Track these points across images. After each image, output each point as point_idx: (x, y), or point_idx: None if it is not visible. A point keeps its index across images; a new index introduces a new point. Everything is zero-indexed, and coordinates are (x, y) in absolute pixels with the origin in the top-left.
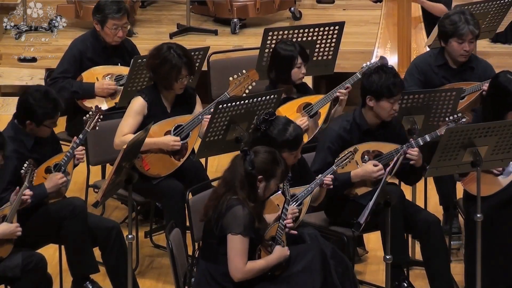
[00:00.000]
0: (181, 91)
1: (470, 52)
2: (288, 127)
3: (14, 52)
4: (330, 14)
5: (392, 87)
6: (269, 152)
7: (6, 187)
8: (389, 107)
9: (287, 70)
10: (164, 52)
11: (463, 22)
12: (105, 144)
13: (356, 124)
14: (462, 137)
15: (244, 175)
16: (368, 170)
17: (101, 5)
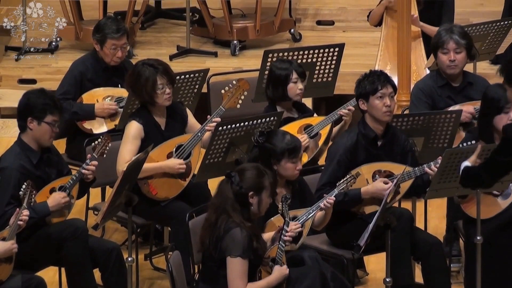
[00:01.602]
0: (168, 102)
1: (458, 63)
2: (286, 135)
3: (14, 74)
4: (330, 35)
5: (376, 82)
6: (252, 167)
7: (10, 200)
8: (380, 104)
9: (283, 87)
10: (138, 68)
11: (446, 33)
12: (105, 166)
13: (362, 135)
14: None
15: (234, 198)
16: (379, 187)
17: (100, 25)
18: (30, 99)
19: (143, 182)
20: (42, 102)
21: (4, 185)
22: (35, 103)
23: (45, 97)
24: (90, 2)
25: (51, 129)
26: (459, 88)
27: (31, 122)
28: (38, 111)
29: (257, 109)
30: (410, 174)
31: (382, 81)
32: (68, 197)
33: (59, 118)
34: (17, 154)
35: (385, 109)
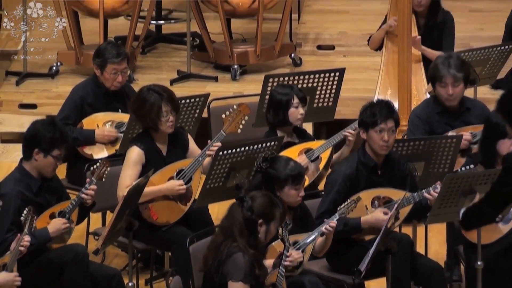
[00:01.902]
0: (171, 129)
1: (456, 96)
2: (289, 162)
3: (15, 99)
4: (331, 60)
5: (377, 115)
6: (265, 195)
7: (10, 227)
8: (378, 138)
9: (284, 111)
10: (143, 94)
11: (444, 65)
12: (105, 191)
13: (361, 163)
14: (463, 184)
15: (243, 222)
16: (379, 218)
17: (101, 50)
18: (39, 131)
19: (144, 206)
20: (51, 136)
21: (4, 211)
22: (44, 135)
23: (54, 131)
24: (90, 27)
25: (56, 162)
26: (457, 114)
27: (37, 153)
28: (46, 144)
29: (257, 134)
30: (409, 200)
31: (384, 115)
32: (68, 223)
33: (64, 152)
34: (17, 181)
35: (382, 143)
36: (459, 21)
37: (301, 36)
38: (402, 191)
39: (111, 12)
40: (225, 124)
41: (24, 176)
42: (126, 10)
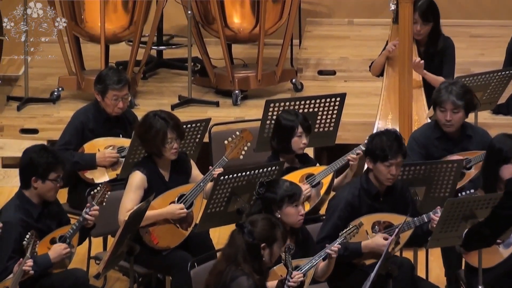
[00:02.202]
0: (174, 156)
1: (454, 122)
2: (285, 182)
3: (16, 124)
4: (332, 85)
5: (387, 150)
6: (265, 218)
7: (11, 255)
8: (385, 171)
9: (288, 139)
10: (149, 119)
11: (447, 91)
12: (107, 215)
13: (364, 190)
14: (464, 209)
15: (246, 248)
16: (379, 243)
17: (102, 76)
18: (32, 159)
19: (145, 231)
20: (45, 161)
21: (5, 239)
22: (38, 162)
23: (47, 155)
24: (91, 52)
25: (56, 185)
26: (456, 140)
27: (35, 181)
28: (42, 170)
29: (259, 159)
30: (409, 225)
31: (395, 150)
32: (68, 248)
33: (62, 172)
34: (17, 207)
35: (390, 176)
36: (460, 46)
37: (302, 62)
38: (403, 216)
39: (112, 37)
40: (227, 150)
41: (24, 202)
42: (127, 36)
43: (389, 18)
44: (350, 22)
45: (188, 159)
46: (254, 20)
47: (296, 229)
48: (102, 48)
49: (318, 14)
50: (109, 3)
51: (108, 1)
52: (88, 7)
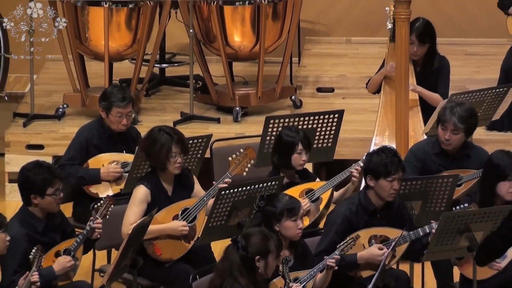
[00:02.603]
0: (178, 171)
1: (452, 142)
2: (284, 196)
3: (22, 140)
4: (330, 102)
5: (389, 166)
6: (258, 231)
7: (17, 269)
8: (388, 186)
9: (288, 155)
10: (154, 134)
11: (451, 111)
12: (111, 229)
13: (361, 206)
14: (459, 223)
15: (241, 262)
16: (374, 253)
17: (107, 93)
18: (28, 177)
19: (148, 243)
20: (41, 177)
21: (11, 255)
22: (34, 179)
23: (42, 171)
24: (96, 70)
25: (55, 198)
26: (454, 158)
27: (34, 198)
28: (39, 187)
29: (259, 174)
30: (405, 238)
31: (396, 166)
32: (73, 260)
33: (60, 185)
34: (22, 222)
35: (392, 191)
36: (455, 64)
37: (301, 79)
38: (399, 230)
39: (116, 55)
40: (231, 166)
41: (29, 217)
42: (131, 54)
43: (386, 37)
44: (348, 41)
45: (191, 174)
46: (254, 38)
47: (295, 242)
48: (106, 66)
49: (316, 32)
50: (112, 22)
51: (111, 20)
52: (92, 26)
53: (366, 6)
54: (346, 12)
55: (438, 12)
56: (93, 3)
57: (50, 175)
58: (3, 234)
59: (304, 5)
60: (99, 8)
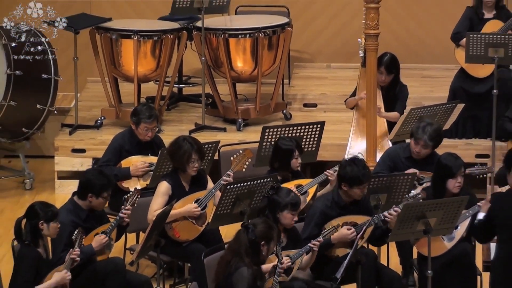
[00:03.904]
0: (195, 173)
1: (422, 154)
2: (291, 193)
3: (68, 145)
4: (314, 115)
5: (361, 177)
6: (264, 221)
7: (64, 248)
8: (359, 191)
9: (288, 161)
10: (179, 141)
11: (423, 130)
12: (139, 216)
13: (334, 202)
14: (416, 211)
15: (249, 244)
16: (344, 233)
17: (137, 110)
18: (91, 180)
19: (169, 227)
20: (101, 183)
21: (60, 236)
22: (96, 183)
23: (103, 178)
24: (127, 89)
25: (105, 201)
26: (420, 162)
27: (91, 197)
28: (97, 190)
29: (258, 172)
30: (370, 222)
31: (367, 177)
32: (107, 237)
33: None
34: (69, 211)
35: (362, 194)
36: (414, 85)
37: (291, 97)
38: (365, 217)
39: (143, 78)
40: (233, 164)
41: (75, 207)
42: (155, 76)
43: (359, 63)
44: (328, 66)
45: (205, 174)
46: (253, 64)
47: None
48: (135, 86)
49: (303, 59)
50: (140, 51)
51: (139, 50)
52: (124, 55)
53: (342, 39)
54: (326, 43)
55: (400, 44)
56: (125, 36)
57: (108, 183)
58: (55, 224)
59: (293, 38)
60: (130, 40)
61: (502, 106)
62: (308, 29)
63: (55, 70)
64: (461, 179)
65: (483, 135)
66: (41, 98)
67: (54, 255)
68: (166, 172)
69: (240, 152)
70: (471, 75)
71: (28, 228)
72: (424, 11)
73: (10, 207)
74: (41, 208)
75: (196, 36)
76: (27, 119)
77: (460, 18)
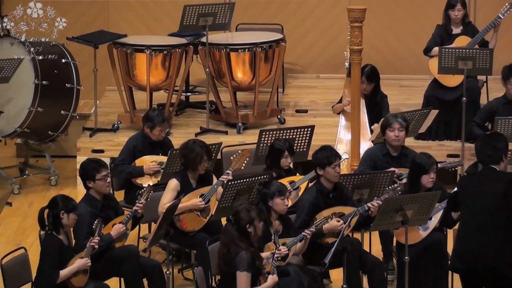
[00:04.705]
0: (203, 171)
1: (401, 138)
2: (276, 182)
3: (89, 146)
4: (305, 120)
5: (330, 157)
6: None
7: (86, 236)
8: (333, 171)
9: (278, 159)
10: (191, 145)
11: (393, 116)
12: (150, 209)
13: (319, 191)
14: (395, 204)
15: (237, 233)
16: (334, 224)
17: (150, 116)
18: (83, 168)
19: (177, 219)
20: (90, 167)
21: (81, 225)
22: (86, 169)
23: (92, 162)
24: (140, 97)
25: (104, 182)
26: (396, 157)
27: (89, 183)
28: (90, 174)
29: (255, 170)
30: (356, 213)
31: (335, 156)
32: (124, 228)
33: (107, 172)
34: (87, 203)
35: (336, 174)
36: (393, 93)
37: (285, 103)
38: (352, 208)
39: (154, 87)
40: (232, 163)
41: (91, 199)
42: (165, 86)
43: (344, 74)
44: (317, 76)
45: (211, 174)
46: (251, 75)
47: (284, 217)
48: (147, 94)
49: (295, 71)
50: (152, 64)
51: (151, 62)
52: (138, 67)
53: (330, 53)
54: (316, 57)
55: (381, 57)
56: (139, 50)
57: (97, 164)
58: (74, 215)
59: (287, 52)
60: (143, 54)
61: (470, 112)
62: (300, 44)
63: (77, 80)
64: (433, 175)
65: (454, 137)
66: (64, 105)
67: (76, 243)
68: (176, 171)
69: (239, 152)
70: (443, 84)
71: (50, 217)
72: (401, 29)
73: (38, 201)
74: (62, 200)
75: (201, 50)
76: (53, 123)
77: (432, 35)
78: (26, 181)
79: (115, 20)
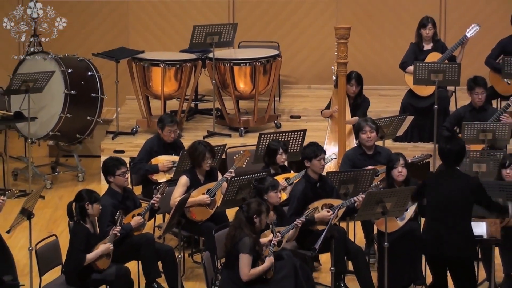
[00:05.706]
0: (208, 168)
1: (373, 139)
2: (269, 178)
3: (111, 147)
4: (298, 125)
5: (316, 150)
6: (255, 201)
7: (108, 224)
8: (319, 164)
9: (273, 156)
10: (195, 144)
11: (363, 120)
12: (164, 202)
13: (307, 182)
14: (376, 197)
15: (245, 220)
16: (324, 214)
17: (161, 118)
18: (105, 165)
19: (188, 210)
20: (111, 164)
21: (104, 215)
22: (108, 166)
23: (112, 160)
24: (156, 105)
25: (123, 178)
26: (371, 155)
27: (110, 177)
28: (111, 170)
29: (255, 168)
30: (343, 204)
31: (320, 150)
32: (143, 219)
33: (126, 169)
34: (109, 196)
35: (321, 166)
36: (374, 101)
37: (280, 110)
38: (340, 200)
39: (168, 96)
40: (235, 162)
41: (112, 192)
42: (177, 95)
43: (332, 85)
44: (309, 87)
45: (216, 171)
46: (252, 85)
47: (277, 208)
48: (162, 102)
49: (290, 82)
50: (166, 76)
51: (165, 74)
52: (153, 78)
53: (320, 67)
54: (307, 70)
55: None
56: (154, 64)
57: (117, 161)
58: (97, 205)
59: (283, 65)
60: (158, 67)
61: (441, 117)
62: (294, 59)
63: (101, 90)
64: (401, 169)
65: (427, 140)
66: (90, 112)
67: (100, 230)
68: (186, 169)
69: (241, 152)
70: (417, 94)
71: (77, 209)
72: (381, 45)
73: (67, 195)
74: (86, 193)
75: (209, 64)
76: (80, 127)
77: (406, 51)
78: (57, 178)
79: (134, 38)
